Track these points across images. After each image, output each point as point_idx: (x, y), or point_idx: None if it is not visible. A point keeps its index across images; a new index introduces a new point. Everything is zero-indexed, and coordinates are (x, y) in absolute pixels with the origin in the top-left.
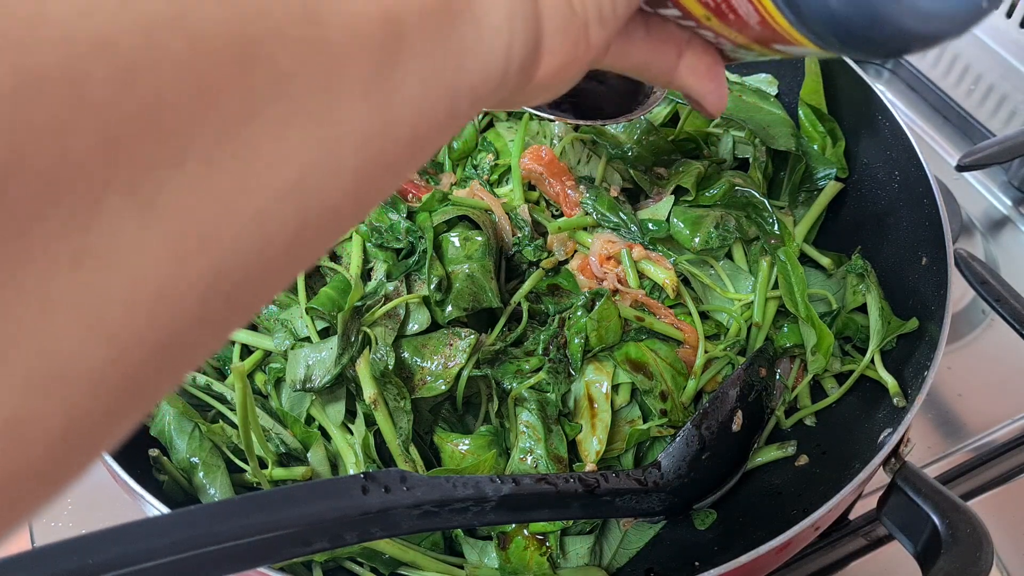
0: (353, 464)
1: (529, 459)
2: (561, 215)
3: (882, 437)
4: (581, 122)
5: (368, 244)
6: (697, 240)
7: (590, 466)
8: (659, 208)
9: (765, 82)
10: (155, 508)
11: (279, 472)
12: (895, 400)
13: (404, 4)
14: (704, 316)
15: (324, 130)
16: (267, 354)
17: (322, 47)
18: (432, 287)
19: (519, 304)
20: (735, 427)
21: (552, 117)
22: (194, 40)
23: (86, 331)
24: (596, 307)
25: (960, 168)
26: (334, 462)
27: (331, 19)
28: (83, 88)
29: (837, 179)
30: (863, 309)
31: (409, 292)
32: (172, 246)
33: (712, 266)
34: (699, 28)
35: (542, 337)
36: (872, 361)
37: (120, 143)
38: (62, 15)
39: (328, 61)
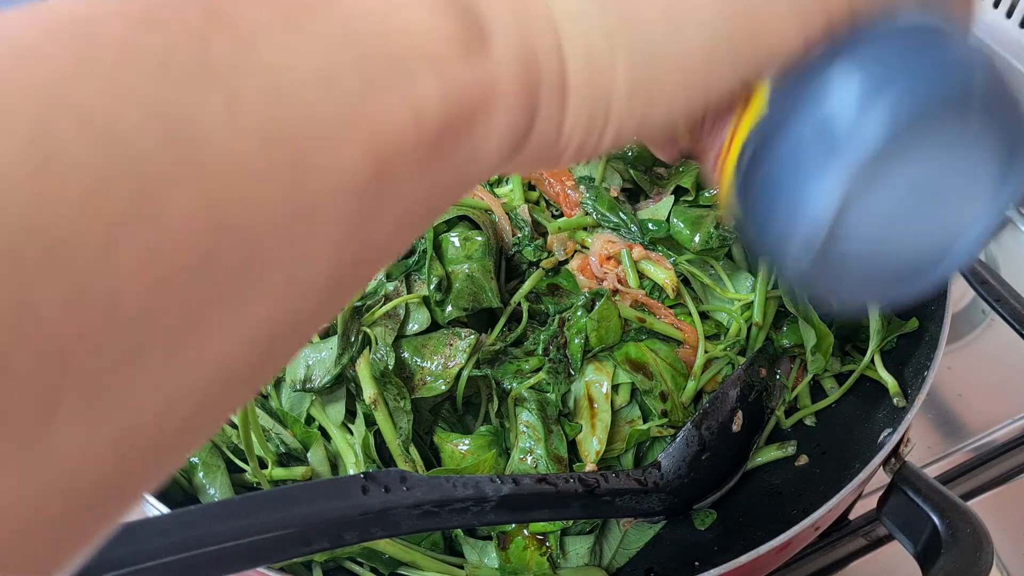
0: (353, 464)
1: (529, 459)
2: (561, 215)
3: (882, 437)
4: None
5: None
6: (697, 240)
7: (590, 466)
8: (659, 208)
9: None
10: (155, 508)
11: (279, 472)
12: (895, 400)
13: (400, 144)
14: (704, 316)
15: (291, 290)
16: None
17: (302, 213)
18: (432, 287)
19: (519, 304)
20: (735, 427)
21: None
22: (160, 234)
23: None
24: (596, 307)
25: None
26: (334, 462)
27: (318, 179)
28: (30, 315)
29: None
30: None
31: (409, 292)
32: (114, 441)
33: (712, 266)
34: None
35: (542, 337)
36: (872, 361)
37: (67, 355)
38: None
39: (306, 226)
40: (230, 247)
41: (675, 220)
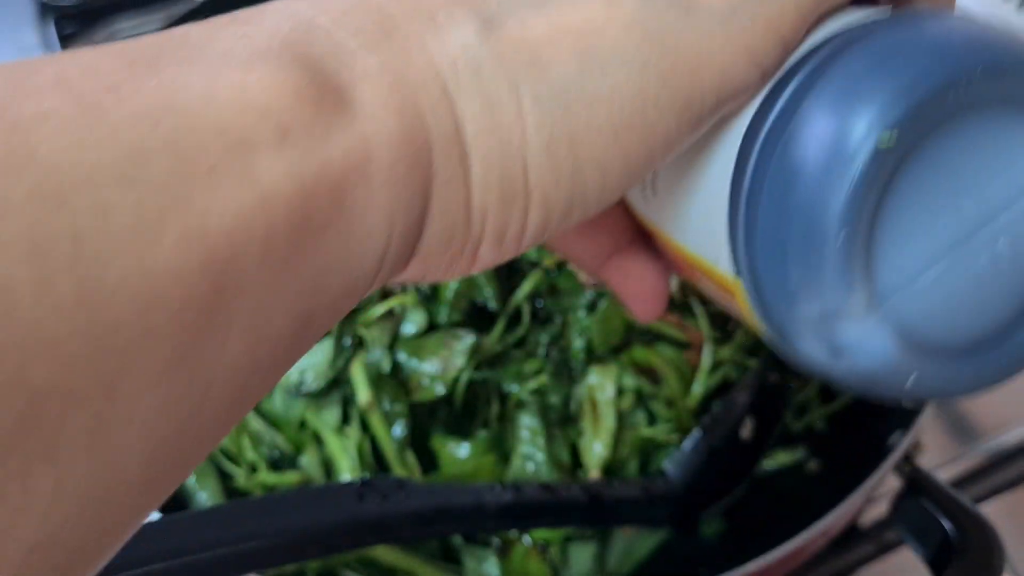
0: (347, 469)
1: (530, 465)
2: None
3: (892, 440)
4: None
5: None
6: None
7: (595, 473)
8: None
9: None
10: None
11: (271, 477)
12: (906, 403)
13: (240, 237)
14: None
15: (97, 451)
16: None
17: (97, 340)
18: (420, 298)
19: (520, 305)
20: (745, 434)
21: None
22: None
23: None
24: (599, 307)
25: None
26: (327, 467)
27: (118, 291)
28: None
29: None
30: None
31: (405, 292)
32: None
33: None
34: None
35: (543, 339)
36: None
37: None
38: None
39: (108, 360)
40: (5, 395)
41: None
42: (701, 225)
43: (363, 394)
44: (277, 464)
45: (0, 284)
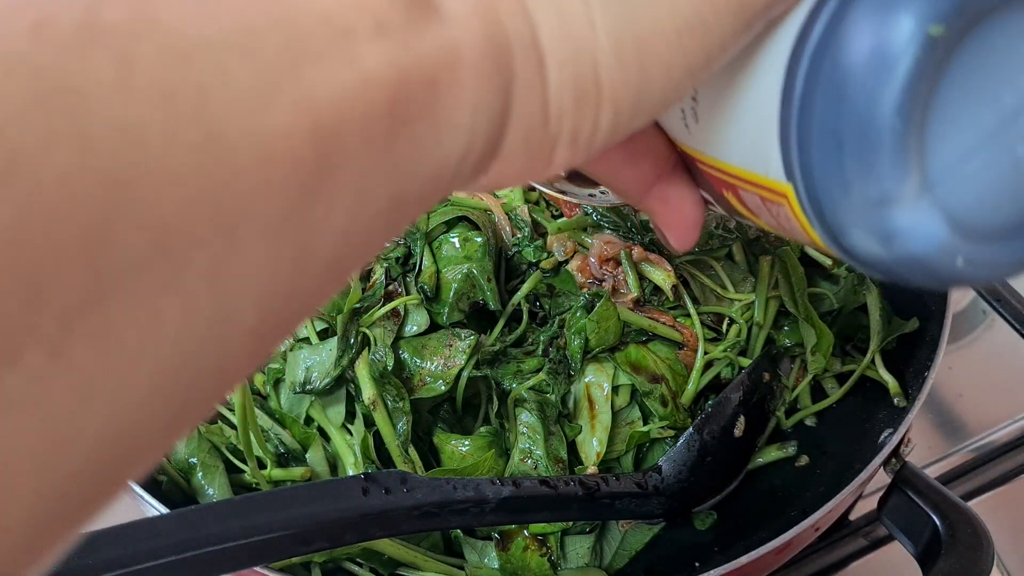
0: (352, 465)
1: (529, 460)
2: (561, 215)
3: (883, 437)
4: (571, 198)
5: None
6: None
7: (591, 469)
8: None
9: None
10: (155, 508)
11: (278, 472)
12: (896, 400)
13: (343, 112)
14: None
15: (214, 295)
16: None
17: (223, 185)
18: (419, 291)
19: (519, 305)
20: (737, 432)
21: (540, 187)
22: (30, 198)
23: None
24: (596, 308)
25: None
26: (333, 463)
27: (239, 146)
28: None
29: None
30: (863, 309)
31: (408, 293)
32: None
33: (712, 266)
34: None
35: (542, 338)
36: (872, 361)
37: None
38: None
39: (229, 205)
40: (126, 226)
41: None
42: (749, 137)
43: (367, 392)
44: (284, 460)
45: (134, 124)
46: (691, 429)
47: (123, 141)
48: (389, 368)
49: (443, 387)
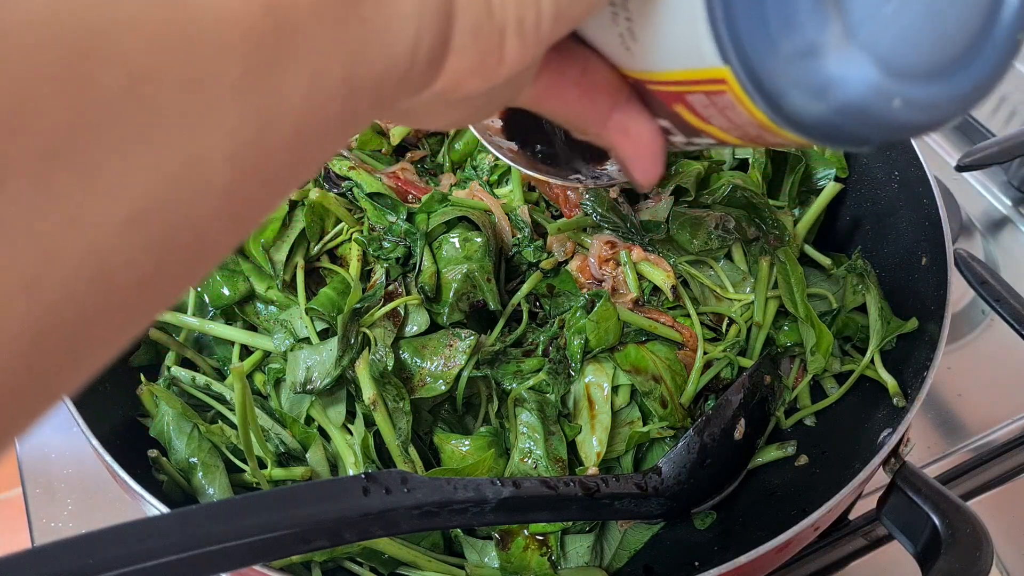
0: (352, 464)
1: (529, 460)
2: (561, 216)
3: (882, 437)
4: (554, 179)
5: (368, 250)
6: (697, 241)
7: (592, 469)
8: (659, 209)
9: None
10: (155, 508)
11: (278, 472)
12: (895, 400)
13: None
14: (705, 317)
15: (186, 139)
16: (266, 354)
17: (188, 39)
18: (419, 291)
19: (519, 305)
20: (737, 435)
21: (522, 168)
22: (11, 36)
23: None
24: (595, 308)
25: (960, 168)
26: (333, 462)
27: (202, 2)
28: None
29: (837, 179)
30: (863, 309)
31: (408, 293)
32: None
33: (712, 267)
34: (662, 114)
35: (542, 338)
36: (872, 361)
37: None
38: None
39: (195, 56)
40: (100, 67)
41: (675, 221)
42: (683, 35)
43: (367, 392)
44: (284, 460)
45: None
46: (691, 431)
47: None
48: (389, 368)
49: (443, 387)
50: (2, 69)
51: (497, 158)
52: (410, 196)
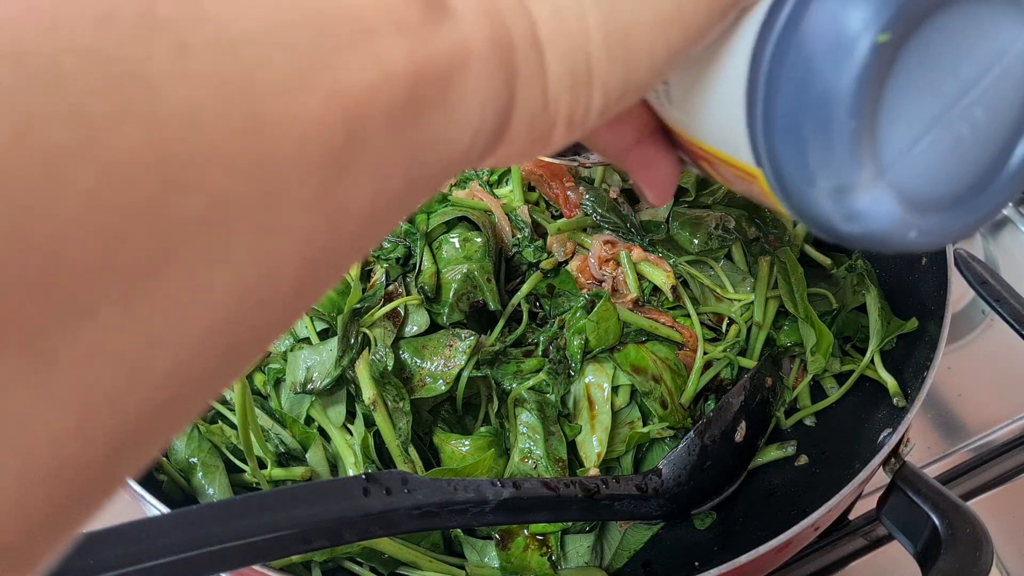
0: (352, 464)
1: (529, 460)
2: (561, 216)
3: (882, 437)
4: (551, 158)
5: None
6: (696, 241)
7: (593, 470)
8: (659, 210)
9: None
10: (155, 508)
11: (278, 472)
12: (895, 400)
13: (369, 101)
14: (705, 318)
15: (260, 255)
16: (266, 354)
17: (266, 160)
18: (419, 292)
19: (519, 305)
20: (738, 437)
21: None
22: (106, 167)
23: None
24: (595, 308)
25: None
26: (333, 462)
27: (280, 128)
28: None
29: None
30: (863, 309)
31: (408, 293)
32: (75, 416)
33: (712, 267)
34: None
35: (542, 338)
36: (872, 361)
37: (7, 297)
38: None
39: (272, 177)
40: (184, 196)
41: (675, 221)
42: (719, 122)
43: (367, 392)
44: (284, 460)
45: (191, 106)
46: (692, 433)
47: (183, 120)
48: (389, 368)
49: (443, 387)
50: (104, 199)
51: None
52: None
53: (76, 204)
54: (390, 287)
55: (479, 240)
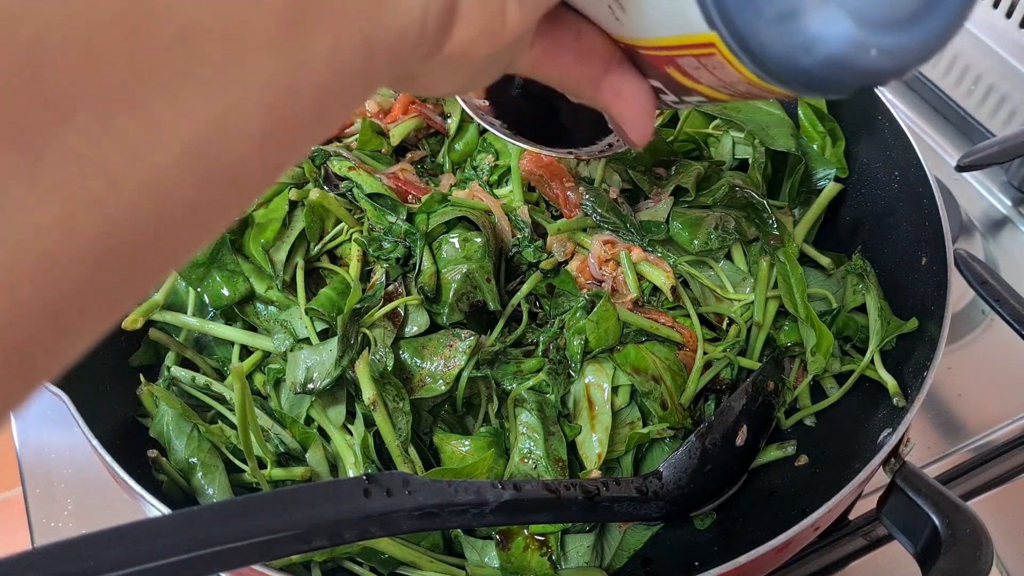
0: (352, 465)
1: (529, 460)
2: (560, 216)
3: (882, 437)
4: (545, 151)
5: (368, 251)
6: (697, 241)
7: (595, 472)
8: (659, 210)
9: None
10: (156, 508)
11: (278, 472)
12: (895, 400)
13: None
14: (705, 319)
15: (228, 86)
16: (266, 355)
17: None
18: (419, 292)
19: (519, 305)
20: (739, 441)
21: (515, 142)
22: None
23: None
24: (595, 308)
25: (960, 168)
26: (333, 462)
27: None
28: None
29: (837, 179)
30: (863, 309)
31: (408, 293)
32: (59, 210)
33: (712, 267)
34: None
35: (542, 338)
36: (872, 361)
37: None
38: None
39: (236, 12)
40: (153, 16)
41: (675, 221)
42: (669, 5)
43: (367, 392)
44: (284, 460)
45: None
46: (693, 437)
47: None
48: (389, 368)
49: (443, 387)
50: (77, 13)
51: (497, 158)
52: (410, 196)
53: (60, 9)
54: (390, 287)
55: (479, 240)
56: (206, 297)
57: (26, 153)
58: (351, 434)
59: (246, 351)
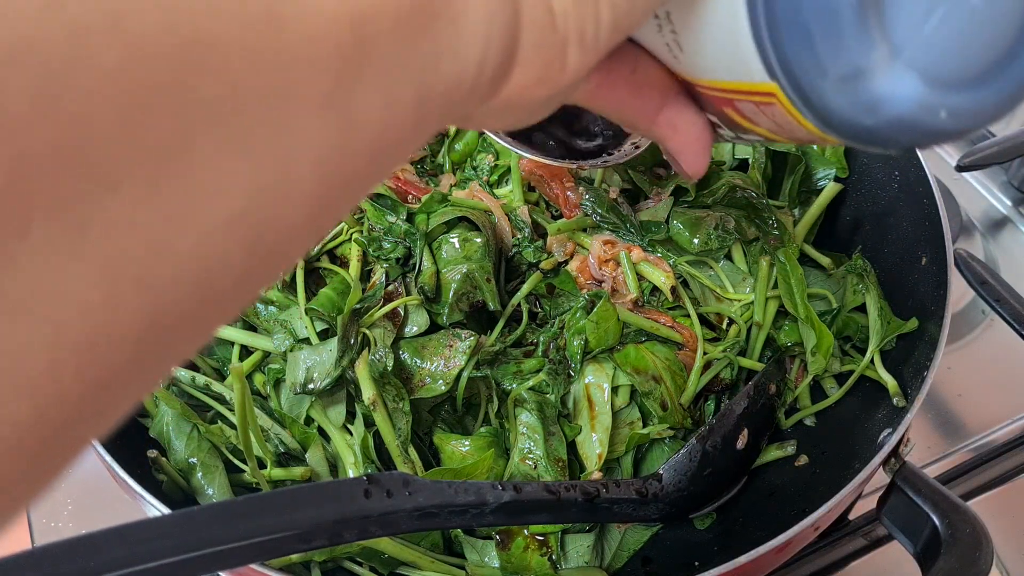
0: (352, 465)
1: (529, 460)
2: (561, 216)
3: (882, 437)
4: (552, 161)
5: (368, 251)
6: (696, 241)
7: (596, 474)
8: (658, 210)
9: None
10: (155, 508)
11: (278, 472)
12: (895, 400)
13: (378, 5)
14: (705, 319)
15: (277, 149)
16: (266, 355)
17: (280, 53)
18: (419, 292)
19: (519, 305)
20: (740, 444)
21: (522, 152)
22: (131, 47)
23: (2, 386)
24: (595, 308)
25: (960, 168)
26: (333, 462)
27: (293, 22)
28: None
29: (837, 179)
30: (863, 309)
31: (408, 293)
32: (104, 287)
33: (711, 267)
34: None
35: (542, 338)
36: (872, 361)
37: (39, 164)
38: None
39: (286, 70)
40: (203, 80)
41: (675, 221)
42: (728, 50)
43: (367, 392)
44: (284, 460)
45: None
46: (693, 439)
47: (201, 9)
48: (389, 368)
49: (443, 387)
50: (127, 76)
51: (497, 158)
52: (410, 196)
53: (101, 78)
54: (390, 287)
55: (479, 240)
56: None
57: (68, 226)
58: (351, 434)
59: (246, 351)
